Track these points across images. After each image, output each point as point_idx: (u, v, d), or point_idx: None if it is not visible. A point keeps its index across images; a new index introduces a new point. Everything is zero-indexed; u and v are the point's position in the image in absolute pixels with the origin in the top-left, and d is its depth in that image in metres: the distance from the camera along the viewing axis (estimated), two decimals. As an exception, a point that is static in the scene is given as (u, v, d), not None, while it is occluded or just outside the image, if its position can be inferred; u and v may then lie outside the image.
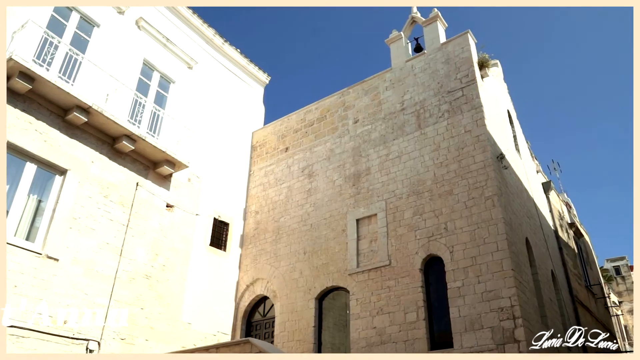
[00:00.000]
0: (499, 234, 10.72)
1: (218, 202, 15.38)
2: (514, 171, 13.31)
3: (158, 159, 13.19)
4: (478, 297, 10.40)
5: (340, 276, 12.93)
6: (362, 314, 11.94)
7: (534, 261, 12.38)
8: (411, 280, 11.55)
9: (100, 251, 11.39)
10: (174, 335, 12.55)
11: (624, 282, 30.74)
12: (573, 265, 16.83)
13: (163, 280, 12.75)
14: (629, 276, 30.93)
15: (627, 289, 30.41)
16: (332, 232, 13.68)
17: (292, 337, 13.07)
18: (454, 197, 11.77)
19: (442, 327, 10.82)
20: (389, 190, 13.06)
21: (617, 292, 30.00)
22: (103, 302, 11.13)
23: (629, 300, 29.90)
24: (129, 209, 12.36)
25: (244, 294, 14.94)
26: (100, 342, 10.80)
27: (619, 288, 30.45)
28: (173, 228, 13.49)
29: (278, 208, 15.49)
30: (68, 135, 11.43)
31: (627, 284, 30.62)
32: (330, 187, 14.46)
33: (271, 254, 14.83)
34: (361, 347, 11.54)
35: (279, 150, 16.58)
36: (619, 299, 29.26)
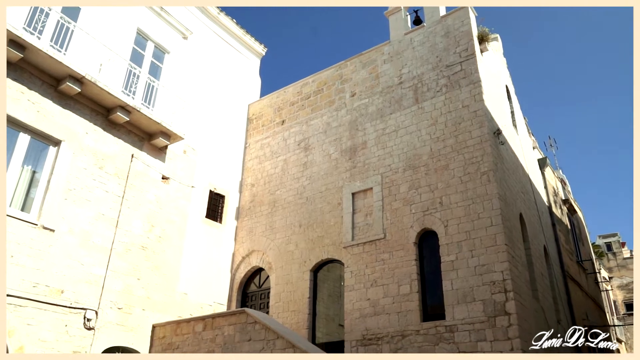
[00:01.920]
0: (494, 209, 10.80)
1: (214, 175, 15.38)
2: (510, 147, 13.33)
3: (153, 130, 13.11)
4: (471, 270, 10.54)
5: (335, 249, 13.05)
6: (357, 286, 12.10)
7: (527, 236, 12.52)
8: (405, 253, 11.68)
9: (96, 222, 11.41)
10: (170, 305, 12.70)
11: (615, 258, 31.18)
12: (565, 241, 17.03)
13: (159, 252, 12.83)
14: (619, 252, 31.34)
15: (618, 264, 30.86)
16: (328, 206, 13.75)
17: (287, 308, 13.27)
18: (449, 172, 11.80)
19: (435, 300, 10.99)
20: (385, 164, 13.07)
21: (608, 267, 30.45)
22: (100, 272, 11.22)
23: (619, 275, 30.40)
24: (125, 181, 12.35)
25: (239, 265, 15.08)
26: (98, 311, 10.93)
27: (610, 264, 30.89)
28: (169, 200, 13.51)
29: (274, 181, 15.51)
30: (61, 105, 11.31)
31: (618, 260, 31.06)
32: (326, 161, 14.46)
33: (267, 227, 14.92)
34: (355, 318, 11.73)
35: (275, 123, 16.50)
36: (609, 274, 29.74)
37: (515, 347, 9.43)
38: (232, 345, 10.49)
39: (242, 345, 10.33)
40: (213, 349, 10.76)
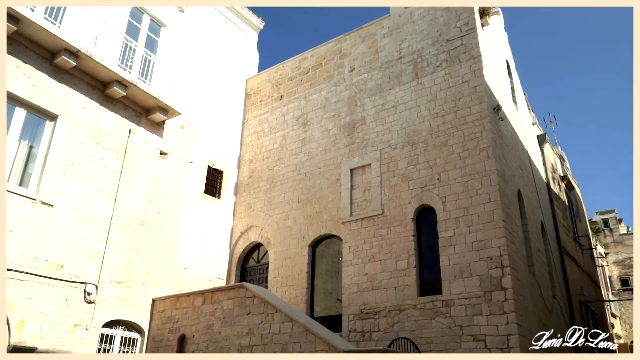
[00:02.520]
0: (492, 185, 10.81)
1: (212, 150, 15.33)
2: (509, 123, 13.27)
3: (150, 105, 13.02)
4: (468, 246, 10.61)
5: (333, 224, 13.10)
6: (354, 261, 12.19)
7: (524, 212, 12.56)
8: (403, 229, 11.73)
9: (94, 197, 11.42)
10: (170, 279, 12.81)
11: (612, 235, 31.39)
12: (563, 217, 17.11)
13: (158, 227, 12.87)
14: (616, 229, 31.54)
15: (614, 241, 31.10)
16: (326, 182, 13.75)
17: (285, 283, 13.39)
18: (448, 148, 11.77)
19: (432, 275, 11.10)
20: (383, 140, 13.02)
21: (604, 244, 30.69)
22: (99, 247, 11.27)
23: (615, 251, 30.65)
24: (122, 156, 12.31)
25: (238, 240, 15.17)
26: (98, 285, 11.03)
27: (606, 240, 31.13)
28: (167, 175, 13.49)
29: (272, 157, 15.48)
30: (57, 79, 11.19)
31: (615, 236, 31.27)
32: (324, 137, 14.40)
33: (265, 202, 14.95)
34: (353, 293, 11.86)
35: (274, 99, 16.38)
36: (605, 250, 29.99)
37: (511, 321, 9.56)
38: (231, 318, 10.62)
39: (241, 318, 10.46)
40: (212, 323, 10.90)
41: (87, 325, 10.61)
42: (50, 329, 9.93)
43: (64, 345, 10.08)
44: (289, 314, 9.72)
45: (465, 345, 9.87)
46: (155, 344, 11.74)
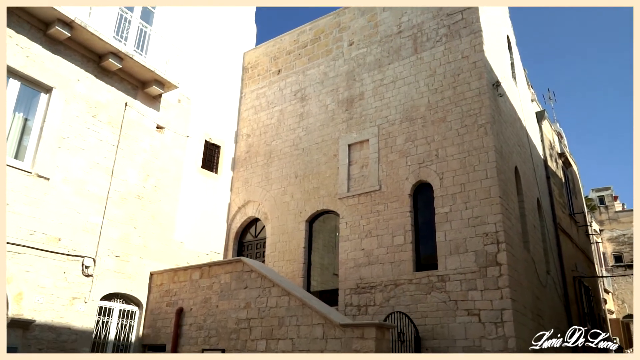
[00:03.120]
0: (489, 162, 10.80)
1: (209, 125, 15.23)
2: (508, 99, 13.19)
3: (146, 78, 12.86)
4: (464, 222, 10.66)
5: (330, 200, 13.12)
6: (351, 237, 12.26)
7: (521, 189, 12.59)
8: (400, 205, 11.76)
9: (90, 171, 11.38)
10: (167, 253, 12.88)
11: (607, 212, 31.60)
12: (559, 194, 17.17)
13: (155, 201, 12.87)
14: (611, 206, 31.74)
15: (609, 217, 31.31)
16: (324, 157, 13.72)
17: (282, 257, 13.48)
18: (446, 124, 11.72)
19: (428, 251, 11.18)
20: (382, 116, 12.95)
21: (599, 220, 30.92)
22: (96, 220, 11.28)
23: (610, 228, 30.90)
24: (119, 130, 12.22)
25: (235, 215, 15.20)
26: (96, 258, 11.07)
27: (602, 217, 31.35)
28: (164, 149, 13.43)
29: (270, 132, 15.40)
30: (51, 51, 11.02)
31: (610, 213, 31.48)
32: (322, 112, 14.31)
33: (263, 177, 14.94)
34: (349, 268, 11.95)
35: (271, 73, 16.20)
36: (600, 227, 30.23)
37: (505, 296, 9.68)
38: (228, 292, 10.71)
39: (238, 292, 10.55)
40: (210, 296, 11.00)
41: (85, 298, 10.69)
42: (49, 301, 10.01)
43: (62, 317, 10.18)
44: (286, 288, 9.81)
45: (460, 319, 10.01)
46: (154, 317, 11.88)
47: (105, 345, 11.11)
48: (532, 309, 11.15)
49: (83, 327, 10.53)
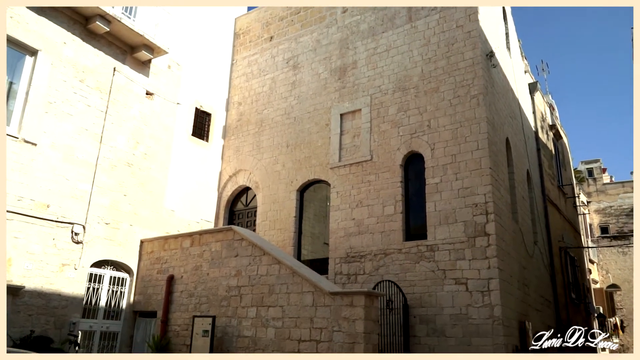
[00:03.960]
0: (481, 133, 10.79)
1: (200, 92, 15.01)
2: (502, 70, 13.09)
3: (135, 43, 12.57)
4: (454, 193, 10.72)
5: (322, 169, 13.10)
6: (342, 206, 12.30)
7: (511, 160, 12.64)
8: (391, 175, 11.78)
9: (79, 137, 11.22)
10: (157, 221, 12.86)
11: (595, 184, 31.90)
12: (548, 166, 17.28)
13: (145, 168, 12.78)
14: (600, 178, 32.00)
15: (597, 190, 31.63)
16: (316, 126, 13.63)
17: (273, 226, 13.53)
18: (439, 95, 11.64)
19: (418, 221, 11.26)
20: (374, 85, 12.82)
21: (587, 192, 31.24)
22: (85, 187, 11.20)
23: (597, 200, 31.25)
24: (107, 95, 12.01)
25: (226, 184, 15.16)
26: (85, 225, 11.03)
27: (590, 189, 31.66)
28: (154, 116, 13.25)
29: (261, 100, 15.22)
30: (36, 12, 10.69)
31: (598, 185, 31.78)
32: (315, 80, 14.14)
33: (254, 146, 14.84)
34: (340, 237, 12.04)
35: (263, 39, 15.91)
36: (587, 199, 30.57)
37: (492, 265, 9.83)
38: (219, 260, 10.77)
39: (229, 260, 10.61)
40: (201, 264, 11.06)
41: (75, 264, 10.70)
42: (38, 268, 10.01)
43: (53, 284, 10.20)
44: (277, 256, 9.87)
45: (448, 288, 10.18)
46: (144, 284, 11.95)
47: (96, 311, 11.20)
48: (519, 279, 11.35)
49: (73, 294, 10.57)
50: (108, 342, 11.34)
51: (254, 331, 9.55)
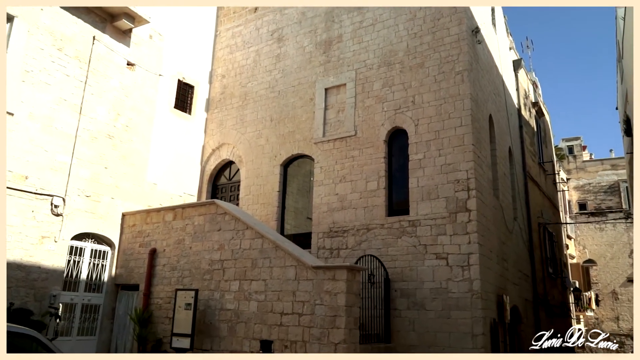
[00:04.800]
0: (465, 110, 10.82)
1: (182, 64, 14.73)
2: (487, 46, 13.06)
3: (115, 11, 12.23)
4: (437, 169, 10.79)
5: (306, 144, 13.06)
6: (326, 181, 12.31)
7: (494, 137, 12.73)
8: (375, 151, 11.79)
9: (58, 107, 10.98)
10: (139, 194, 12.75)
11: (575, 161, 32.39)
12: (530, 143, 17.46)
13: (126, 141, 12.59)
14: (580, 155, 32.49)
15: (577, 167, 32.14)
16: (300, 101, 13.52)
17: (256, 201, 13.52)
18: (424, 71, 11.60)
19: (401, 196, 11.34)
20: (359, 60, 12.71)
21: (567, 169, 31.73)
22: (65, 159, 11.01)
23: (577, 177, 31.79)
24: (87, 65, 11.72)
25: (209, 157, 15.04)
26: (65, 198, 10.89)
27: (569, 166, 32.15)
28: (135, 88, 13.00)
29: (245, 73, 15.01)
30: (11, -22, 10.31)
31: (577, 162, 32.28)
32: (300, 54, 13.95)
33: (237, 120, 14.70)
34: (323, 212, 12.09)
35: (248, 10, 15.59)
36: (567, 176, 31.07)
37: (472, 240, 9.99)
38: (202, 234, 10.75)
39: (212, 234, 10.60)
40: (183, 238, 11.03)
41: (55, 237, 10.60)
42: (17, 240, 9.88)
43: (32, 256, 10.11)
44: (260, 230, 9.88)
45: (428, 262, 10.33)
46: (126, 257, 11.90)
47: (77, 284, 11.16)
48: (498, 254, 11.57)
49: (54, 266, 10.50)
50: (90, 314, 11.34)
51: (237, 304, 9.61)
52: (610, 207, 30.40)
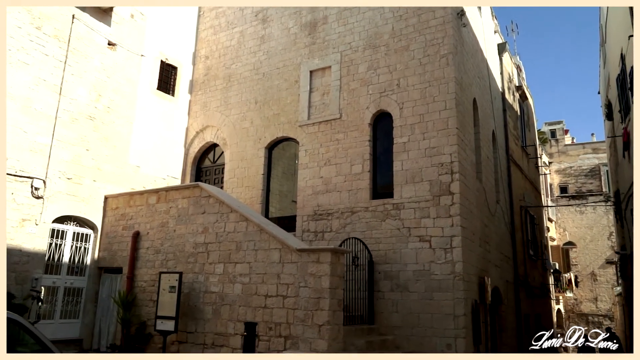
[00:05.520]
0: (449, 93, 10.84)
1: (165, 44, 14.47)
2: (472, 29, 13.05)
3: (95, -11, 11.94)
4: (421, 152, 10.84)
5: (290, 127, 12.99)
6: (310, 165, 12.30)
7: (478, 121, 12.80)
8: (360, 134, 11.79)
9: (37, 88, 10.74)
10: (122, 177, 12.61)
11: (557, 145, 32.81)
12: (513, 127, 17.60)
13: (108, 123, 12.40)
14: (562, 139, 32.92)
15: (559, 150, 32.57)
16: (285, 83, 13.41)
17: (241, 184, 13.47)
18: (409, 54, 11.57)
19: (385, 180, 11.38)
20: (345, 42, 12.62)
21: (549, 153, 32.14)
22: (45, 141, 10.82)
23: (559, 161, 32.24)
24: (66, 44, 11.45)
25: (193, 140, 14.90)
26: (46, 180, 10.73)
27: (552, 150, 32.57)
28: (117, 69, 12.76)
29: (229, 54, 14.82)
30: (-14, -47, 9.97)
31: (560, 146, 32.71)
32: (284, 35, 13.80)
33: (221, 102, 14.55)
34: (307, 195, 12.09)
35: (231, -10, 15.32)
36: (549, 159, 31.49)
37: (455, 223, 10.10)
38: (186, 217, 10.70)
39: (196, 217, 10.55)
40: (167, 220, 10.97)
41: (36, 220, 10.46)
42: (-2, 223, 9.73)
43: (13, 239, 9.97)
44: (244, 213, 9.86)
45: (412, 245, 10.43)
46: (109, 240, 11.82)
47: (59, 267, 11.06)
48: (480, 236, 11.73)
49: (35, 249, 10.39)
50: (72, 297, 11.27)
51: (221, 287, 9.63)
52: (590, 190, 30.96)
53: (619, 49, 13.61)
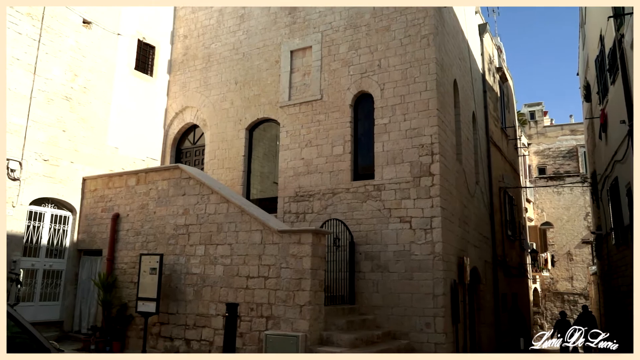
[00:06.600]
0: (430, 74, 10.85)
1: (142, 23, 14.17)
2: (452, 10, 13.03)
3: (69, -35, 11.59)
4: (402, 133, 10.88)
5: (271, 108, 12.91)
6: (292, 146, 12.26)
7: (458, 102, 12.86)
8: (341, 115, 11.77)
9: (10, 67, 10.46)
10: (100, 158, 12.43)
11: (536, 126, 33.18)
12: (493, 108, 17.74)
13: (85, 103, 12.16)
14: (541, 121, 33.29)
15: (538, 132, 32.96)
16: (265, 63, 13.27)
17: (222, 165, 13.38)
18: (390, 34, 11.52)
19: (366, 161, 11.42)
20: (326, 21, 12.50)
21: (528, 134, 32.52)
22: (19, 122, 10.58)
23: (537, 142, 32.64)
24: (40, 22, 11.14)
25: (173, 121, 14.72)
26: (22, 162, 10.53)
27: (531, 131, 32.94)
28: (93, 48, 12.47)
29: (208, 33, 14.57)
30: None
31: (539, 127, 33.09)
32: (264, 14, 13.61)
33: (201, 82, 14.35)
34: (289, 176, 12.08)
35: (210, -33, 15.00)
36: (528, 141, 31.88)
37: (435, 204, 10.21)
38: (166, 199, 10.63)
39: (176, 199, 10.49)
40: (147, 202, 10.88)
41: (13, 202, 10.29)
42: (-27, 206, 9.55)
43: (-10, 222, 9.80)
44: (225, 195, 9.83)
45: (392, 226, 10.53)
46: (89, 222, 11.69)
47: (38, 249, 10.93)
48: (460, 217, 11.88)
49: (12, 232, 10.23)
50: (52, 280, 11.18)
51: (203, 268, 9.64)
52: (568, 171, 31.49)
53: (598, 31, 13.75)
